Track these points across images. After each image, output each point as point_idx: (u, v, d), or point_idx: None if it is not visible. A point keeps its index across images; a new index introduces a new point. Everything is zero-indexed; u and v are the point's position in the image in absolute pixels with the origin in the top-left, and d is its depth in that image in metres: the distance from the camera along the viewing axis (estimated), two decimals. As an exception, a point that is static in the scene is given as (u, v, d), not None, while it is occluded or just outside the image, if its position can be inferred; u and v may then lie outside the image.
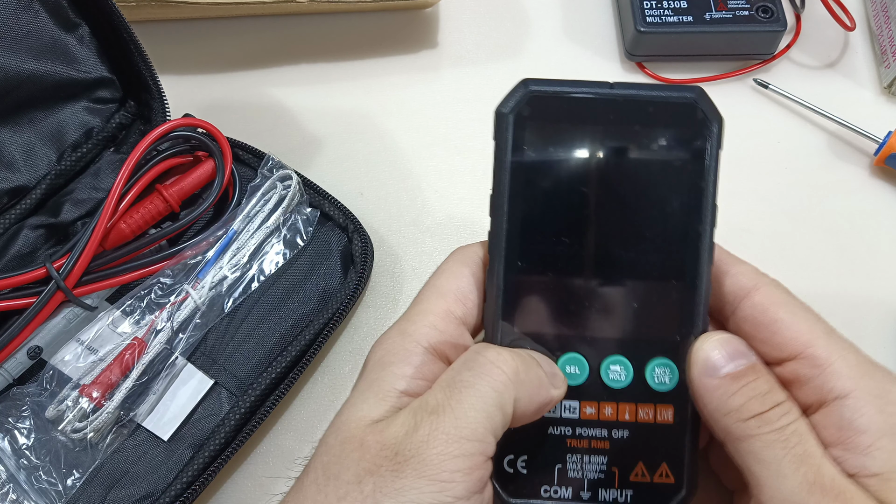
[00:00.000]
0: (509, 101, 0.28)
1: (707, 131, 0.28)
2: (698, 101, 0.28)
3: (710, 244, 0.28)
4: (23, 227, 0.39)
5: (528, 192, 0.28)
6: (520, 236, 0.28)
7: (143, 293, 0.38)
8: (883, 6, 0.49)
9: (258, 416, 0.36)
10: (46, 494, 0.34)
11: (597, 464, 0.29)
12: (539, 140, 0.28)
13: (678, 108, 0.28)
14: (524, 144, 0.28)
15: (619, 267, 0.28)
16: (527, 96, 0.28)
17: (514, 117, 0.28)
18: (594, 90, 0.28)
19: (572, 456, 0.29)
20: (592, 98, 0.28)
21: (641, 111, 0.28)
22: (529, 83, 0.28)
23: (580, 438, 0.29)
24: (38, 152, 0.40)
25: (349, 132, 0.47)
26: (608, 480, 0.29)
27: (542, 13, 0.52)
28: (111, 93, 0.42)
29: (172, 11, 0.46)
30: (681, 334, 0.28)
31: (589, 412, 0.29)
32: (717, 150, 0.28)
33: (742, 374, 0.26)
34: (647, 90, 0.28)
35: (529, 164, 0.28)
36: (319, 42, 0.50)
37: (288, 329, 0.38)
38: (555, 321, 0.29)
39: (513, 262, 0.28)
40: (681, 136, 0.28)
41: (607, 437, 0.29)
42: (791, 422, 0.25)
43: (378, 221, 0.44)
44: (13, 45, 0.37)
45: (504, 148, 0.29)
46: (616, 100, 0.28)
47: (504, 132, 0.28)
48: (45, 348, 0.37)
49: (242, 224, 0.39)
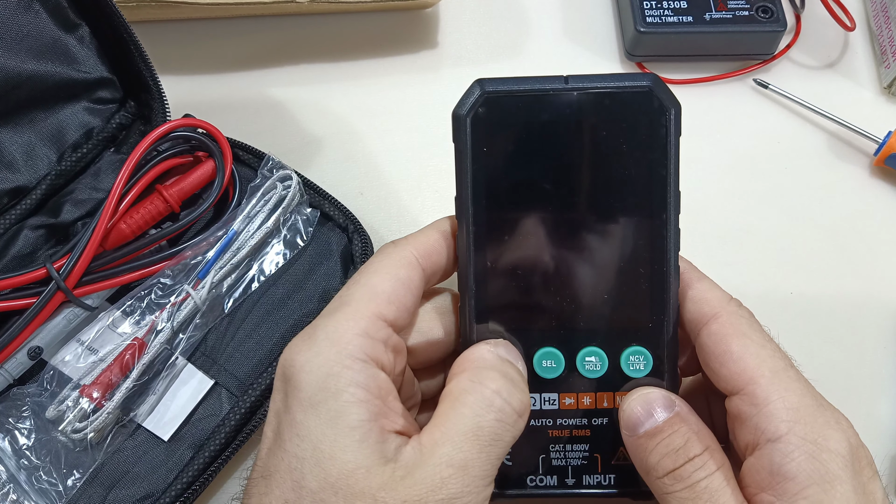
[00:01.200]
0: (465, 103, 0.29)
1: (664, 118, 0.28)
2: (654, 89, 0.28)
3: (676, 230, 0.29)
4: (23, 228, 0.39)
5: (491, 193, 0.29)
6: (487, 237, 0.29)
7: (143, 293, 0.38)
8: (883, 6, 0.49)
9: (258, 417, 0.36)
10: (47, 495, 0.34)
11: (579, 451, 0.30)
12: (498, 140, 0.29)
13: (634, 98, 0.28)
14: (483, 145, 0.29)
15: (588, 259, 0.29)
16: (482, 97, 0.28)
17: (471, 119, 0.29)
18: (549, 86, 0.28)
19: (555, 445, 0.29)
20: (548, 94, 0.28)
21: (598, 103, 0.28)
22: (484, 83, 0.28)
23: (561, 428, 0.30)
24: (39, 152, 0.40)
25: (349, 132, 0.47)
26: (591, 466, 0.29)
27: (542, 13, 0.52)
28: (111, 93, 0.42)
29: (172, 11, 0.46)
30: (652, 321, 0.29)
31: (568, 402, 0.29)
32: (677, 137, 0.28)
33: (657, 430, 0.26)
34: (602, 81, 0.28)
35: (490, 164, 0.29)
36: (319, 42, 0.50)
37: (288, 329, 0.38)
38: (528, 318, 0.29)
39: (482, 265, 0.29)
40: (639, 125, 0.28)
41: (587, 426, 0.29)
42: (704, 477, 0.25)
43: (378, 221, 0.44)
44: (13, 45, 0.37)
45: (464, 150, 0.29)
46: (572, 94, 0.28)
47: (462, 134, 0.29)
48: (45, 349, 0.37)
49: (242, 224, 0.39)
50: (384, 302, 0.27)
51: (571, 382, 0.29)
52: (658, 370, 0.29)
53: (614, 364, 0.29)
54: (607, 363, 0.29)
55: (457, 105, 0.29)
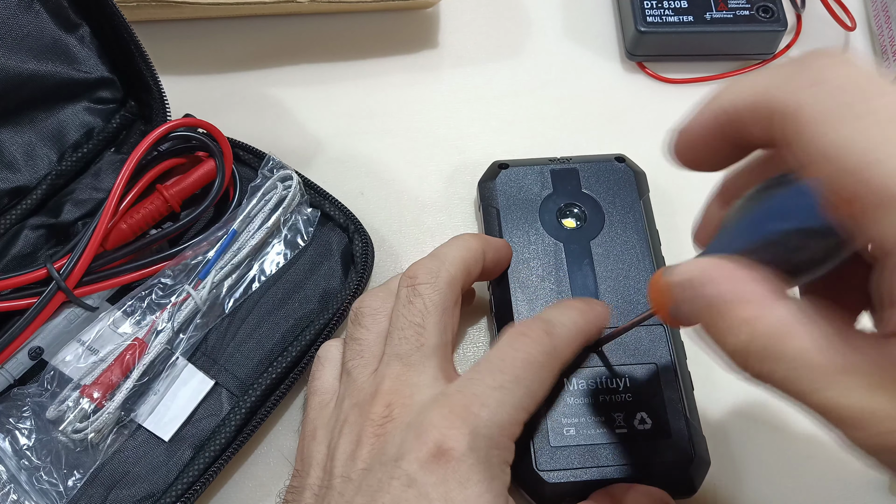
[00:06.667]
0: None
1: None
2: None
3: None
4: (23, 228, 0.39)
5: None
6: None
7: (143, 294, 0.38)
8: (883, 6, 0.49)
9: (259, 417, 0.36)
10: (47, 495, 0.34)
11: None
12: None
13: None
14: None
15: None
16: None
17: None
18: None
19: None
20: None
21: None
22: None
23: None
24: (39, 152, 0.40)
25: (349, 132, 0.47)
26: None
27: (543, 13, 0.52)
28: (112, 93, 0.42)
29: (173, 11, 0.46)
30: None
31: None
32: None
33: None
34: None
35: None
36: (319, 42, 0.50)
37: (289, 329, 0.38)
38: None
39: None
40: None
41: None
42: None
43: (379, 221, 0.44)
44: (14, 45, 0.37)
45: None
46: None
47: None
48: (45, 349, 0.37)
49: (243, 224, 0.39)
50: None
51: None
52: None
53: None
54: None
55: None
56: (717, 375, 0.36)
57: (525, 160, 0.41)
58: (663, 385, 0.34)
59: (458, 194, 0.45)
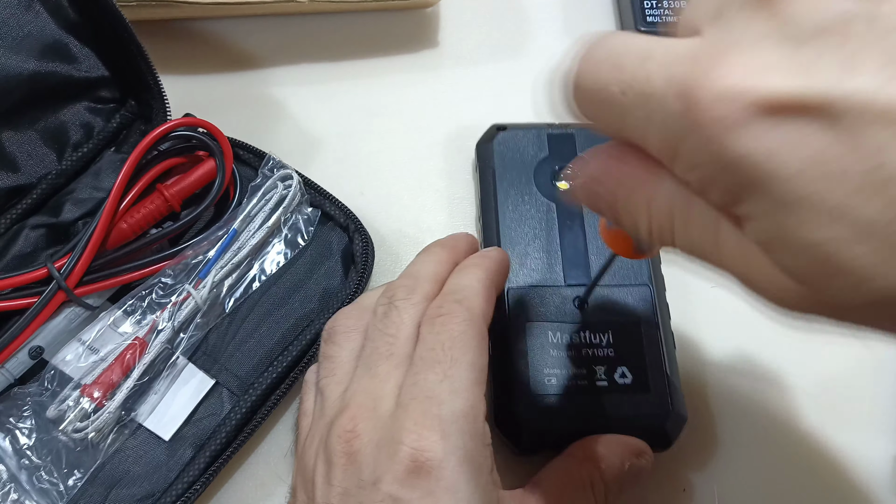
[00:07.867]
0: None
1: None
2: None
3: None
4: (23, 227, 0.39)
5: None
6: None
7: (144, 293, 0.38)
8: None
9: (259, 416, 0.36)
10: (48, 494, 0.34)
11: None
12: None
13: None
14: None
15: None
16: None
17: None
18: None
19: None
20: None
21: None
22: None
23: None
24: (39, 152, 0.40)
25: (349, 132, 0.47)
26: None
27: (543, 13, 0.52)
28: (112, 92, 0.42)
29: (173, 11, 0.46)
30: None
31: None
32: None
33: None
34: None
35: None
36: (319, 42, 0.50)
37: (289, 329, 0.38)
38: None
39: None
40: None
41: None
42: None
43: (379, 221, 0.44)
44: (14, 45, 0.37)
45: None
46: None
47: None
48: (46, 348, 0.37)
49: (243, 224, 0.39)
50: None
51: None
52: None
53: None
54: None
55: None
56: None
57: (523, 124, 0.42)
58: (646, 342, 0.35)
59: (458, 194, 0.45)
